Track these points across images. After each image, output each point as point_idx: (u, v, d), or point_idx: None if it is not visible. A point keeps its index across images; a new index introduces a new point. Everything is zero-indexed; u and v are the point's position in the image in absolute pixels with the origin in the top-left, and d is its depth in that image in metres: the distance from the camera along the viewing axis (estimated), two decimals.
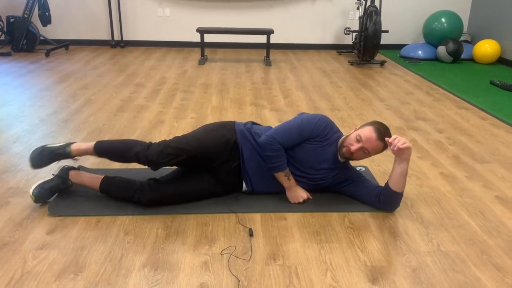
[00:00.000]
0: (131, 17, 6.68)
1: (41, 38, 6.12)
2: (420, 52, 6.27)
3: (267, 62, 5.76)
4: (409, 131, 3.40)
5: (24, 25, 5.88)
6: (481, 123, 3.63)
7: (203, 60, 5.74)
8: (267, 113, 3.73)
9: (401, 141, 2.02)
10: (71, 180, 2.24)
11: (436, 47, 6.23)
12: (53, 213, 2.10)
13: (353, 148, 2.11)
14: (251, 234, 1.99)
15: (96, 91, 4.29)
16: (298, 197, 2.24)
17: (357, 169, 2.44)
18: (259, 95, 4.28)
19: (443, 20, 6.16)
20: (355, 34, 6.60)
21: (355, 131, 2.18)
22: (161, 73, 5.10)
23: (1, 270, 1.72)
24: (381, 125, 2.15)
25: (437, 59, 6.22)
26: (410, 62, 6.08)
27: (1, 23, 6.15)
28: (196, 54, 6.37)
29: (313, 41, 6.95)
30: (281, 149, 2.16)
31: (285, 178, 2.21)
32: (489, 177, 2.65)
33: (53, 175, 2.25)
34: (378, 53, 6.34)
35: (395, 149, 2.03)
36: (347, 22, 6.84)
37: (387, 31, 5.82)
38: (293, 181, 2.23)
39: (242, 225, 2.07)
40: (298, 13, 6.76)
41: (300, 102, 4.10)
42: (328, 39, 6.95)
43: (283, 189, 2.27)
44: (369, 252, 1.89)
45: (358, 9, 6.57)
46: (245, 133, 2.27)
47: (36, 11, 6.01)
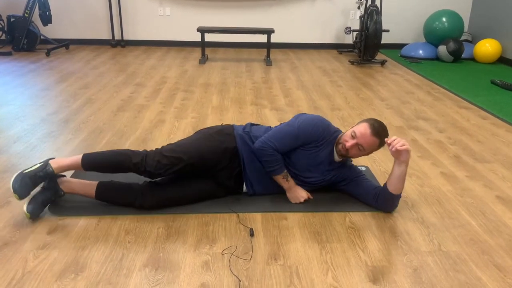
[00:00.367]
0: (132, 16, 6.68)
1: (42, 37, 6.12)
2: (420, 51, 6.27)
3: (268, 61, 5.75)
4: (409, 130, 3.39)
5: (24, 25, 5.88)
6: (482, 123, 3.62)
7: (203, 59, 5.74)
8: (268, 113, 3.72)
9: (400, 142, 2.00)
10: (62, 190, 2.13)
11: (436, 46, 6.23)
12: (54, 213, 2.10)
13: (348, 144, 2.09)
14: (252, 234, 1.98)
15: (96, 90, 4.29)
16: (298, 197, 2.24)
17: (358, 168, 2.44)
18: (259, 95, 4.28)
19: (444, 19, 6.16)
20: (355, 33, 6.60)
21: (351, 128, 2.16)
22: (161, 73, 5.10)
23: (2, 270, 1.72)
24: (376, 121, 2.12)
25: (437, 58, 6.21)
26: (410, 61, 6.08)
27: (1, 22, 6.15)
28: (196, 53, 6.37)
29: (314, 40, 6.94)
30: (275, 154, 2.14)
31: (283, 180, 2.21)
32: (490, 177, 2.64)
33: (42, 187, 2.12)
34: (378, 53, 6.33)
35: (393, 149, 2.01)
36: (348, 21, 6.83)
37: (387, 31, 5.82)
38: (292, 182, 2.23)
39: (243, 225, 2.07)
40: (298, 13, 6.76)
41: (300, 101, 4.10)
42: (328, 38, 6.94)
43: (284, 190, 2.27)
44: (370, 252, 1.89)
45: (358, 8, 6.57)
46: (245, 138, 2.24)
47: (36, 11, 6.01)
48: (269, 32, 5.69)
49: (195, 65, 5.60)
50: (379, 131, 2.08)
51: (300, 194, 2.24)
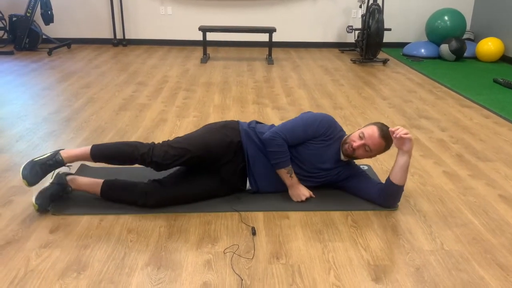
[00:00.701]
0: (133, 15, 6.68)
1: (44, 36, 6.13)
2: (422, 50, 6.25)
3: (269, 60, 5.75)
4: (411, 129, 3.39)
5: (26, 24, 5.88)
6: (484, 121, 3.61)
7: (205, 58, 5.74)
8: (269, 112, 3.72)
9: (404, 130, 2.07)
10: (70, 186, 2.18)
11: (439, 45, 6.21)
12: (56, 211, 2.10)
13: (355, 144, 2.14)
14: (254, 232, 1.98)
15: (98, 89, 4.30)
16: (300, 195, 2.24)
17: (360, 167, 2.44)
18: (261, 94, 4.27)
19: (446, 18, 6.14)
20: (357, 32, 6.59)
21: (358, 130, 2.21)
22: (163, 72, 5.10)
23: (5, 268, 1.72)
24: (383, 125, 2.19)
25: (440, 57, 6.20)
26: (412, 60, 6.07)
27: (3, 22, 6.16)
28: (198, 52, 6.37)
29: (315, 39, 6.93)
30: (284, 145, 2.17)
31: (287, 175, 2.21)
32: (493, 176, 2.64)
33: (51, 182, 2.15)
34: (380, 51, 6.32)
35: (397, 136, 2.07)
36: (350, 20, 6.82)
37: (389, 29, 5.81)
38: (295, 179, 2.24)
39: (245, 223, 2.07)
40: (300, 11, 6.75)
41: (302, 100, 4.09)
42: (330, 37, 6.94)
43: (286, 188, 2.27)
44: (372, 251, 1.89)
45: (360, 7, 6.56)
46: (250, 133, 2.27)
47: (38, 10, 6.01)
48: (270, 31, 5.69)
49: (196, 64, 5.60)
50: (387, 135, 2.15)
51: (302, 192, 2.24)
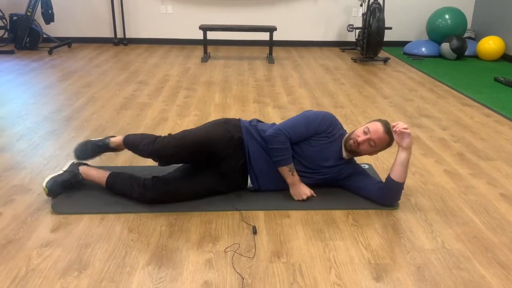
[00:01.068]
0: (134, 14, 6.68)
1: (44, 36, 6.13)
2: (423, 49, 6.25)
3: (270, 59, 5.74)
4: (412, 128, 3.38)
5: (27, 23, 5.89)
6: (485, 120, 3.61)
7: (206, 57, 5.74)
8: (270, 111, 3.72)
9: (403, 125, 2.11)
10: (81, 174, 2.28)
11: (439, 44, 6.20)
12: (57, 210, 2.10)
13: (360, 139, 2.17)
14: (254, 231, 1.98)
15: (99, 88, 4.30)
16: (301, 194, 2.24)
17: (361, 166, 2.44)
18: (262, 93, 4.27)
19: (447, 16, 6.13)
20: (358, 31, 6.58)
21: (361, 126, 2.25)
22: (164, 71, 5.10)
23: (6, 267, 1.72)
24: (386, 121, 2.23)
25: (440, 56, 6.19)
26: (413, 59, 6.06)
27: (4, 21, 6.16)
28: (199, 51, 6.36)
29: (316, 38, 6.93)
30: (287, 142, 2.18)
31: (289, 173, 2.21)
32: (494, 174, 2.64)
33: (64, 170, 2.28)
34: (381, 50, 6.31)
35: (397, 130, 2.11)
36: (350, 19, 6.82)
37: (390, 28, 5.80)
38: (297, 178, 2.24)
39: (245, 222, 2.07)
40: (301, 10, 6.74)
41: (303, 99, 4.09)
42: (331, 36, 6.93)
43: (288, 186, 2.27)
44: (373, 249, 1.89)
45: (361, 6, 6.55)
46: (251, 131, 2.27)
47: (39, 9, 6.01)
48: (271, 30, 5.68)
49: (197, 63, 5.60)
50: (390, 131, 2.19)
51: (303, 191, 2.24)
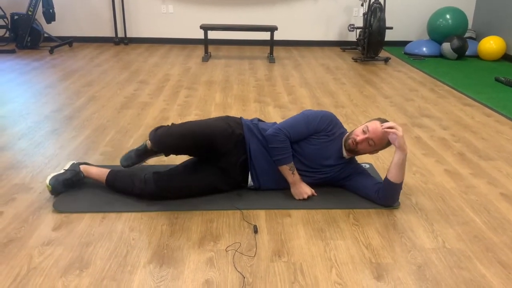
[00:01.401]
0: (135, 14, 6.68)
1: (45, 35, 6.13)
2: (424, 48, 6.25)
3: (271, 59, 5.75)
4: (413, 128, 3.39)
5: (28, 22, 5.89)
6: (486, 120, 3.61)
7: (206, 57, 5.74)
8: (271, 110, 3.72)
9: (388, 124, 2.11)
10: (82, 172, 2.30)
11: (440, 43, 6.20)
12: (59, 209, 2.11)
13: (359, 138, 2.17)
14: (255, 230, 1.99)
15: (100, 88, 4.30)
16: (302, 193, 2.24)
17: (362, 165, 2.45)
18: (262, 92, 4.28)
19: (448, 16, 6.13)
20: (359, 30, 6.58)
21: (361, 126, 2.24)
22: (164, 70, 5.10)
23: (8, 266, 1.73)
24: (386, 120, 2.22)
25: (441, 55, 6.19)
26: (414, 59, 6.06)
27: (5, 20, 6.17)
28: (199, 51, 6.37)
29: (317, 37, 6.93)
30: (286, 141, 2.19)
31: (289, 172, 2.22)
32: (494, 174, 2.64)
33: (65, 169, 2.30)
34: (382, 50, 6.31)
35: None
36: (351, 18, 6.82)
37: (391, 28, 5.80)
38: (297, 177, 2.24)
39: (246, 221, 2.07)
40: (301, 10, 6.75)
41: (304, 99, 4.09)
42: (331, 35, 6.93)
43: (289, 185, 2.27)
44: (374, 248, 1.89)
45: (362, 5, 6.55)
46: (252, 128, 2.28)
47: (40, 8, 6.02)
48: (272, 29, 5.69)
49: (198, 62, 5.60)
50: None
51: (304, 190, 2.24)
